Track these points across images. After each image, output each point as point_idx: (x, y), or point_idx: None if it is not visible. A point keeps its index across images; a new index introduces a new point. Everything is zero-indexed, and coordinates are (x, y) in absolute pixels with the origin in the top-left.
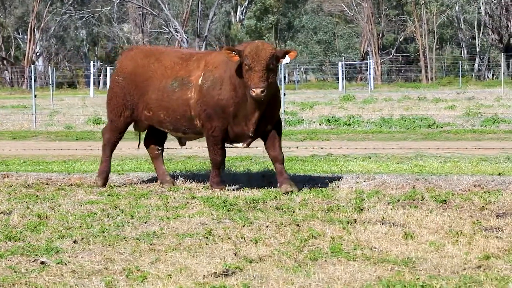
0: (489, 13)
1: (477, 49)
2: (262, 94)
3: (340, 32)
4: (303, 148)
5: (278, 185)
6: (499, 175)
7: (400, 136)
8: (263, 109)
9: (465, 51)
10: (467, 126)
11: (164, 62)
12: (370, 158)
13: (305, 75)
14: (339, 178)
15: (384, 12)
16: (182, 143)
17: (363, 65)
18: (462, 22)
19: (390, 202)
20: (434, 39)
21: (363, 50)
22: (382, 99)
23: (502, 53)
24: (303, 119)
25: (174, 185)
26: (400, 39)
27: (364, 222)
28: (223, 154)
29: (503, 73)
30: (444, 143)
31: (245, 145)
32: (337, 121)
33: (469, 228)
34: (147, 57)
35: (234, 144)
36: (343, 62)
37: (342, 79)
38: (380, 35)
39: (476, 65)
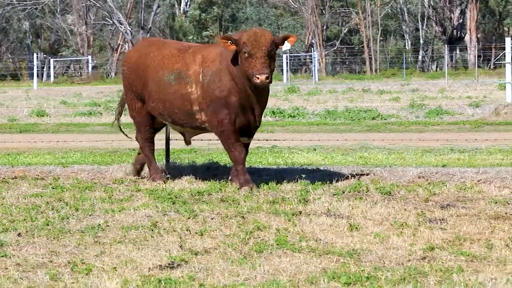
0: (433, 5)
1: (421, 41)
2: (267, 81)
3: (285, 24)
4: None
5: (230, 178)
6: (443, 166)
7: (345, 128)
8: (264, 99)
9: (409, 43)
10: (411, 118)
11: (163, 51)
12: (315, 150)
13: None
14: (284, 170)
15: (328, 3)
16: (187, 141)
17: (308, 57)
18: (406, 14)
19: (335, 194)
20: (378, 31)
21: (308, 42)
22: (327, 91)
23: (446, 45)
24: None
25: (139, 176)
26: (345, 31)
27: (309, 214)
28: (240, 147)
29: (447, 65)
30: (388, 134)
31: (251, 139)
32: (282, 113)
33: (413, 219)
34: (150, 46)
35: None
36: (288, 54)
37: (287, 71)
38: (325, 27)
39: (420, 57)
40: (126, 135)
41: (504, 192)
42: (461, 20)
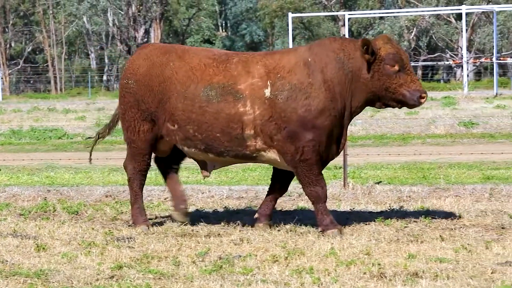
0: (117, 24)
1: (106, 60)
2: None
3: None
4: None
5: (256, 216)
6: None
7: (31, 148)
8: None
9: (94, 62)
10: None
11: (190, 61)
12: (0, 170)
13: None
14: None
15: (11, 21)
16: (206, 173)
17: None
18: (91, 33)
19: (22, 214)
20: (63, 49)
21: None
22: (11, 110)
23: None
24: None
25: (186, 216)
26: (29, 50)
27: None
28: (324, 181)
29: None
30: (75, 153)
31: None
32: None
33: (101, 238)
34: (166, 53)
35: None
36: None
37: None
38: (8, 45)
39: (105, 76)
40: (90, 160)
41: (191, 208)
42: (146, 39)
